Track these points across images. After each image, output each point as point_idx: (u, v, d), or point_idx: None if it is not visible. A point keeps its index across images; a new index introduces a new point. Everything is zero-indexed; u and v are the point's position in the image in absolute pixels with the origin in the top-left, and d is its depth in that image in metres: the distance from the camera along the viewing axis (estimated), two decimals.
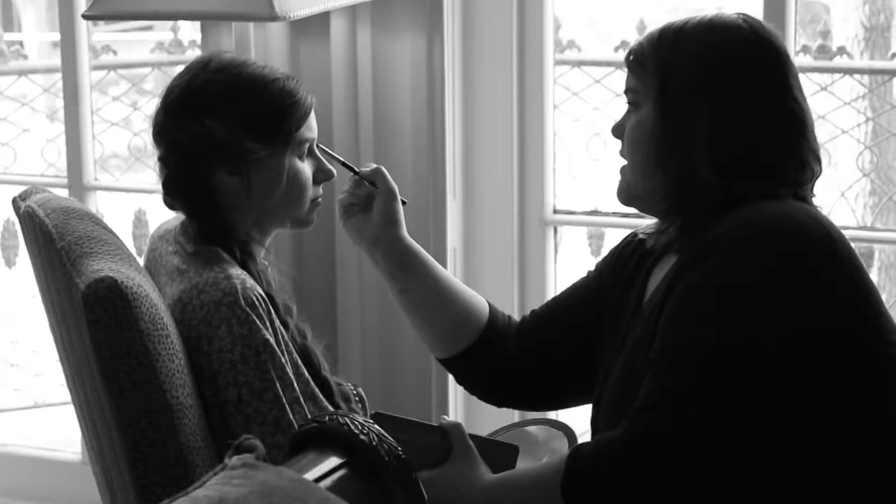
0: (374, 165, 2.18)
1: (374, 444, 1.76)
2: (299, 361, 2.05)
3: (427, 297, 2.17)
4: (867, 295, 1.83)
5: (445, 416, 2.12)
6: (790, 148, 1.90)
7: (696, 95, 1.88)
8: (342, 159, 2.23)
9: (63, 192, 3.02)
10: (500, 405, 2.32)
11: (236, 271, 2.04)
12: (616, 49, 3.42)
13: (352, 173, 2.18)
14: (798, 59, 2.00)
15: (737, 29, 1.91)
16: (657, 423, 1.77)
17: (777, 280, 1.78)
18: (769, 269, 1.79)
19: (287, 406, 1.99)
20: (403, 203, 2.17)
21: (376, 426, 1.80)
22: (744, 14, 1.95)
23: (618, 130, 1.98)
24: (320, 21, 2.74)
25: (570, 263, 3.40)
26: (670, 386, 1.78)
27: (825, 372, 1.78)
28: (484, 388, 2.25)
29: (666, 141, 1.88)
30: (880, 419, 1.83)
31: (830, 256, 1.82)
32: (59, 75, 3.39)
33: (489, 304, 2.22)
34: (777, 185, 1.88)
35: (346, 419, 1.79)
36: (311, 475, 1.68)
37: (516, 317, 2.24)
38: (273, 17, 2.33)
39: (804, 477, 1.80)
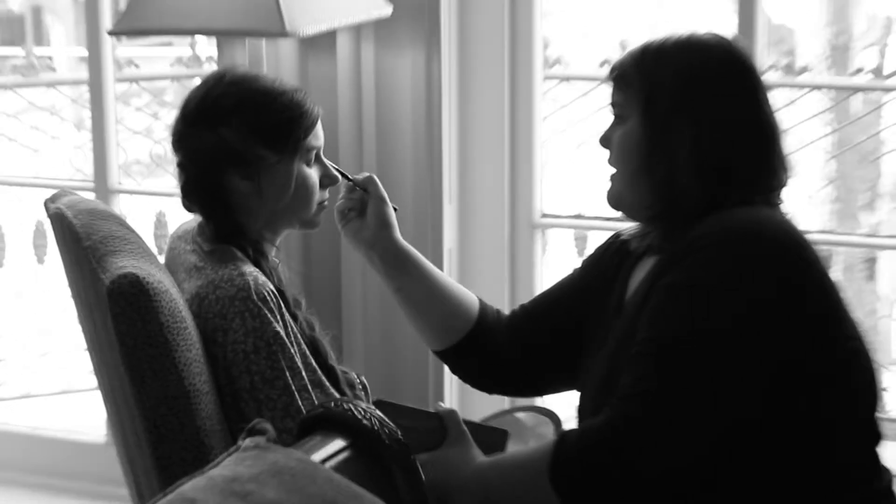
0: (367, 174, 2.18)
1: (376, 428, 1.75)
2: (307, 351, 2.05)
3: (420, 295, 2.17)
4: (830, 294, 1.84)
5: (441, 403, 2.11)
6: (763, 157, 1.90)
7: (679, 110, 1.87)
8: (337, 167, 2.23)
9: (89, 195, 3.01)
10: (490, 392, 2.32)
11: (249, 268, 2.04)
12: (600, 65, 3.42)
13: (346, 180, 2.18)
14: (766, 77, 1.99)
15: (713, 48, 1.91)
16: (637, 411, 1.77)
17: (749, 280, 1.78)
18: (742, 270, 1.79)
19: (296, 393, 1.98)
20: (395, 209, 2.17)
21: (378, 412, 1.80)
22: (717, 33, 1.95)
23: (605, 141, 1.97)
24: (327, 38, 2.74)
25: (556, 263, 3.40)
26: (649, 377, 1.78)
27: (792, 365, 1.78)
28: (476, 376, 2.25)
29: (652, 152, 1.88)
30: (842, 408, 1.83)
31: (798, 259, 1.82)
32: (85, 87, 3.39)
33: (479, 300, 2.21)
34: (751, 192, 1.88)
35: (350, 405, 1.79)
36: (317, 456, 1.68)
37: (507, 310, 2.24)
38: (284, 34, 2.33)
39: (774, 464, 1.80)
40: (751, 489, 1.82)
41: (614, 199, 1.97)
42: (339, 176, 2.19)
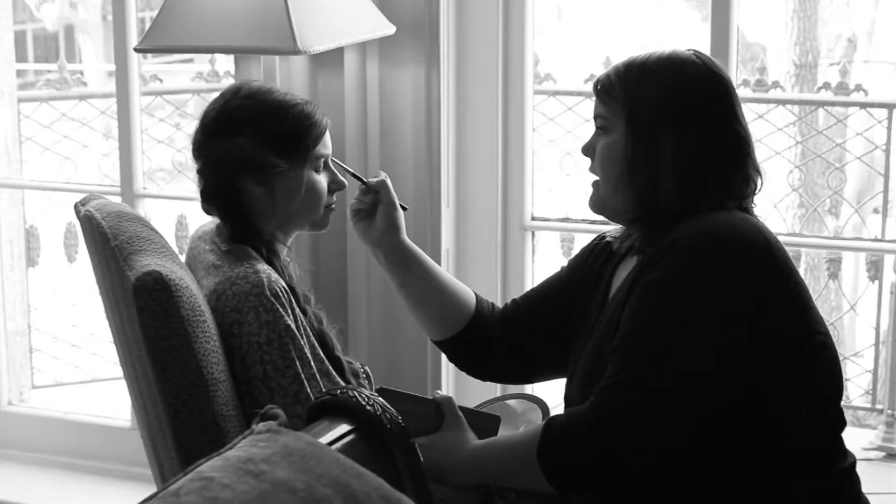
0: (383, 176, 2.17)
1: (379, 413, 1.75)
2: (316, 343, 2.05)
3: (422, 291, 2.16)
4: (798, 291, 1.84)
5: (439, 391, 2.11)
6: (737, 165, 1.90)
7: (662, 123, 1.86)
8: (353, 171, 2.23)
9: (116, 199, 3.01)
10: (484, 379, 2.32)
11: (263, 267, 2.04)
12: (586, 81, 3.42)
13: (360, 182, 2.17)
14: (739, 91, 1.99)
15: (692, 65, 1.91)
16: (619, 399, 1.77)
17: (723, 278, 1.78)
18: (717, 270, 1.79)
19: (305, 381, 1.98)
20: (405, 209, 2.17)
21: (380, 399, 1.80)
22: (694, 50, 1.94)
23: (588, 150, 1.97)
24: (335, 55, 2.73)
25: (545, 262, 3.40)
26: (631, 367, 1.78)
27: (762, 355, 1.78)
28: (471, 365, 2.24)
29: (636, 162, 1.87)
30: (809, 396, 1.83)
31: (768, 259, 1.82)
32: (113, 100, 3.38)
33: (476, 295, 2.21)
34: (726, 198, 1.88)
35: (355, 393, 1.79)
36: (324, 439, 1.68)
37: (500, 305, 2.24)
38: (295, 52, 2.33)
39: (747, 447, 1.80)
40: (724, 472, 1.81)
41: (597, 205, 1.97)
42: (354, 178, 2.19)
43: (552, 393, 2.29)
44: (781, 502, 1.81)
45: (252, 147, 2.08)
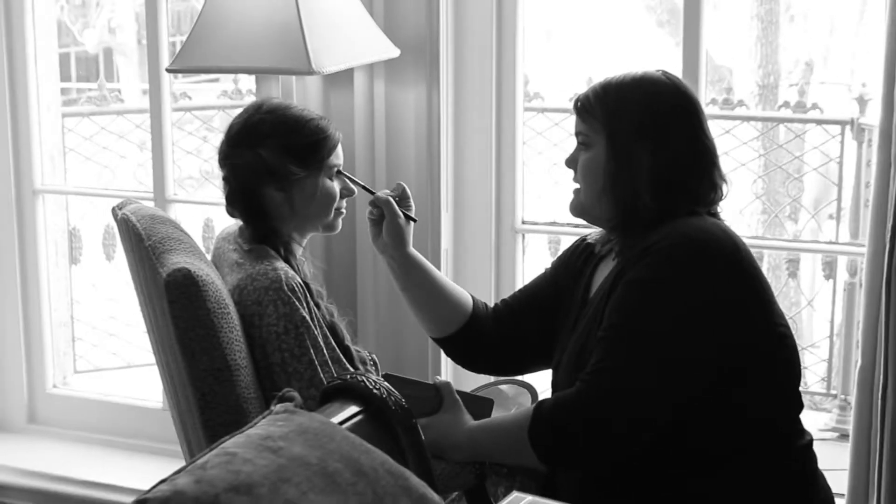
0: (387, 195, 2.12)
1: (384, 397, 1.75)
2: (328, 333, 2.05)
3: (420, 296, 2.15)
4: (762, 288, 1.84)
5: (439, 376, 2.11)
6: (706, 174, 1.90)
7: (639, 138, 1.86)
8: (363, 184, 2.22)
9: (150, 204, 3.00)
10: (479, 372, 2.31)
11: (281, 264, 2.04)
12: (570, 99, 3.41)
13: (371, 195, 2.16)
14: (707, 109, 1.98)
15: (662, 83, 1.91)
16: (602, 384, 1.77)
17: (696, 277, 1.79)
18: (690, 269, 1.79)
19: (318, 367, 1.98)
20: (414, 221, 2.15)
21: (386, 383, 1.80)
22: (663, 70, 1.94)
23: (571, 163, 1.97)
24: (346, 75, 2.74)
25: (534, 261, 3.39)
26: (613, 356, 1.78)
27: (731, 345, 1.78)
28: (467, 360, 2.23)
29: (618, 174, 1.87)
30: (772, 382, 1.83)
31: (735, 259, 1.82)
32: (147, 115, 3.37)
33: (473, 299, 2.20)
34: (695, 204, 1.88)
35: (363, 378, 1.79)
36: (336, 419, 1.68)
37: (493, 300, 2.23)
38: (311, 72, 2.33)
39: (718, 427, 1.80)
40: (699, 450, 1.81)
41: (577, 209, 1.97)
42: (365, 191, 2.18)
43: (540, 379, 2.29)
44: (750, 477, 1.81)
45: (273, 157, 2.08)
